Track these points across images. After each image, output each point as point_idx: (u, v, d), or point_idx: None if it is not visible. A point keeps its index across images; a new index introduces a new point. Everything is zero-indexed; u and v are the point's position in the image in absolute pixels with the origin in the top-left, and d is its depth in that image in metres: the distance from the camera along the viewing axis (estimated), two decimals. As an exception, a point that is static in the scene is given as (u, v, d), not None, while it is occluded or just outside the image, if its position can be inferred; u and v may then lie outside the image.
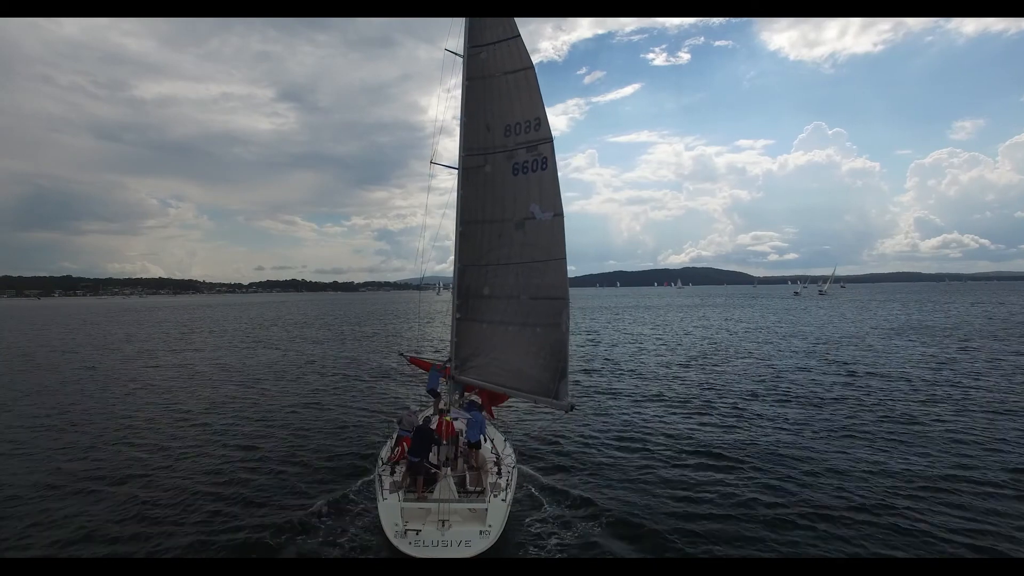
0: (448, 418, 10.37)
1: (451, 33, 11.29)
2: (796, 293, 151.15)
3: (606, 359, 30.31)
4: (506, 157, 10.68)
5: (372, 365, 29.64)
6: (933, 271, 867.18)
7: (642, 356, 31.66)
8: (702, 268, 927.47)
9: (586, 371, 26.07)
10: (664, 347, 35.76)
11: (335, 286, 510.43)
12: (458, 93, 11.34)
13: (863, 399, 19.09)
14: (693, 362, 28.77)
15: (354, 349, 37.73)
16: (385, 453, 10.60)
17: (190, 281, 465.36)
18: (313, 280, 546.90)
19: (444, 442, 10.05)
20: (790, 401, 19.13)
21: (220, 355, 34.89)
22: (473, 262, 11.34)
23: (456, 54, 11.24)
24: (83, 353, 36.72)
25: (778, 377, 23.77)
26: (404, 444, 9.66)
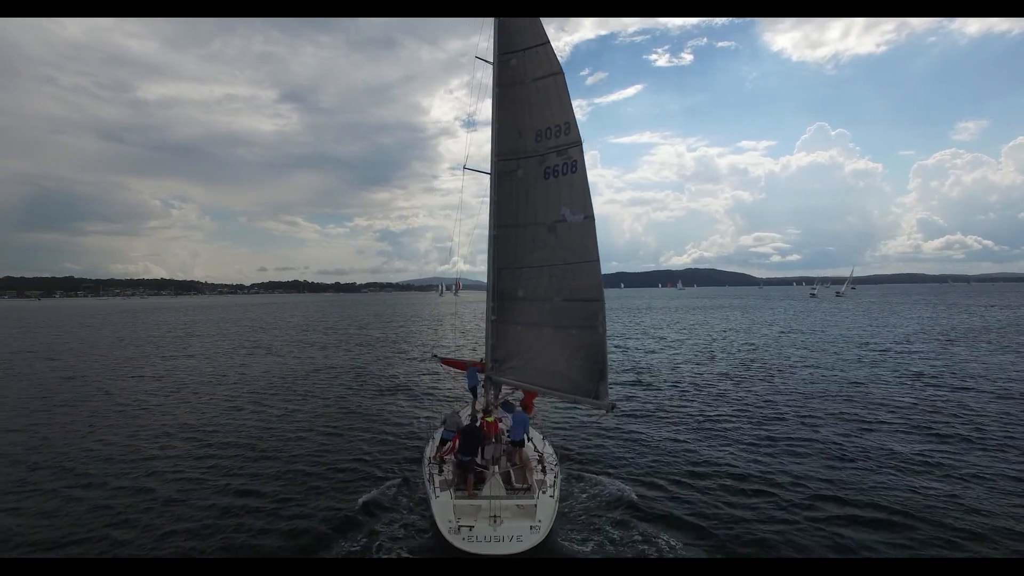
0: (490, 418, 10.57)
1: (480, 40, 11.33)
2: (813, 295, 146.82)
3: (643, 367, 27.93)
4: (538, 161, 10.78)
5: (393, 369, 28.88)
6: (936, 272, 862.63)
7: (681, 363, 29.27)
8: (705, 269, 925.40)
9: (628, 381, 24.15)
10: (703, 354, 32.77)
11: (337, 287, 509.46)
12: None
13: (985, 422, 16.00)
14: (745, 370, 26.22)
15: (370, 352, 36.55)
16: (430, 452, 10.73)
17: (192, 282, 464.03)
18: (316, 281, 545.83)
19: (492, 441, 10.25)
20: (893, 424, 16.15)
21: (229, 362, 32.27)
22: (507, 265, 11.41)
23: (487, 61, 11.35)
24: (65, 360, 33.64)
25: (856, 390, 20.94)
26: (454, 443, 9.89)
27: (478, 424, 10.26)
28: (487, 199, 11.72)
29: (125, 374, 27.59)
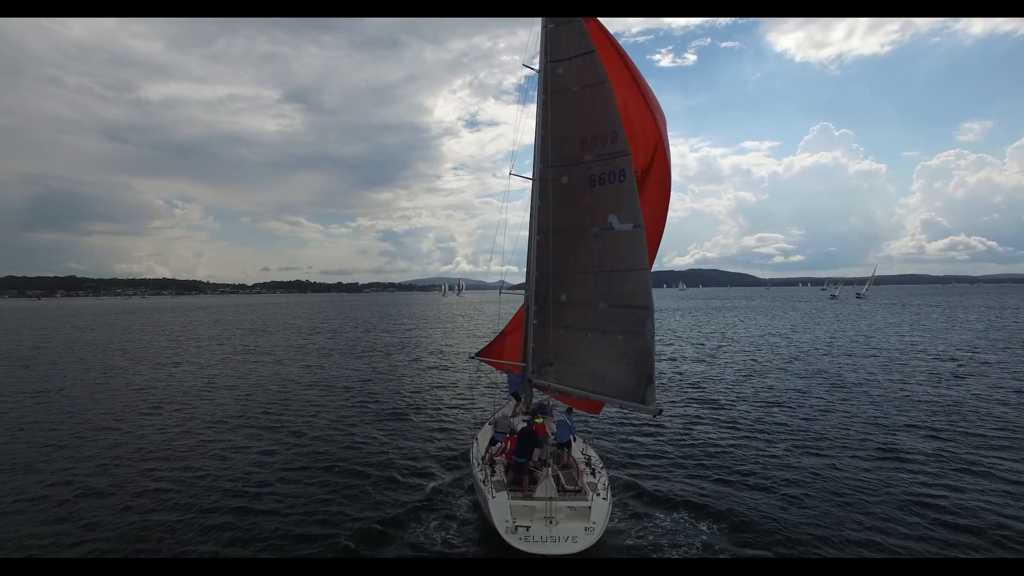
0: (539, 420, 10.44)
1: (528, 48, 11.50)
2: (832, 296, 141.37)
3: (690, 375, 26.14)
4: (583, 169, 10.83)
5: (413, 376, 28.18)
6: (940, 273, 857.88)
7: (731, 372, 26.96)
8: (708, 270, 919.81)
9: (676, 388, 22.92)
10: (756, 363, 29.63)
11: (339, 287, 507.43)
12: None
13: None
14: (814, 382, 23.65)
15: (386, 359, 35.45)
16: (478, 453, 10.84)
17: (194, 282, 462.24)
18: (319, 281, 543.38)
19: (544, 443, 10.20)
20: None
21: (228, 370, 29.71)
22: (549, 270, 11.44)
23: (533, 69, 11.42)
24: (38, 369, 30.21)
25: (967, 410, 18.13)
26: (506, 444, 10.22)
27: (532, 427, 10.33)
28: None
29: (103, 386, 24.59)
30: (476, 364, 16.30)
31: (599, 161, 10.47)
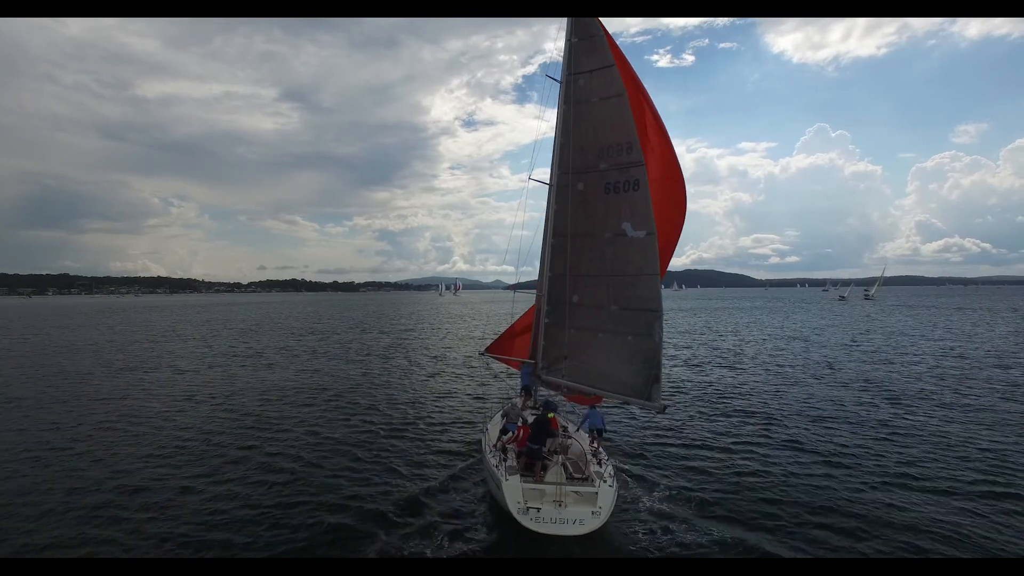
0: (551, 414, 10.92)
1: (552, 57, 10.62)
2: (841, 297, 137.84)
3: (711, 379, 24.43)
4: (599, 177, 11.25)
5: (415, 381, 27.78)
6: (934, 275, 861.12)
7: (752, 372, 25.73)
8: (704, 271, 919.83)
9: (689, 389, 21.77)
10: (785, 369, 27.40)
11: (335, 286, 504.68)
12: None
13: None
14: (854, 390, 21.84)
15: (385, 362, 34.25)
16: (490, 441, 11.42)
17: (189, 280, 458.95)
18: (315, 280, 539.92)
19: (559, 435, 10.89)
20: None
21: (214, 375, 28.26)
22: (562, 272, 11.90)
23: (555, 79, 11.91)
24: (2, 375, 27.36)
25: None
26: (519, 433, 10.74)
27: (546, 417, 10.77)
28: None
29: (69, 394, 22.03)
30: (486, 360, 16.79)
31: (615, 170, 10.93)
